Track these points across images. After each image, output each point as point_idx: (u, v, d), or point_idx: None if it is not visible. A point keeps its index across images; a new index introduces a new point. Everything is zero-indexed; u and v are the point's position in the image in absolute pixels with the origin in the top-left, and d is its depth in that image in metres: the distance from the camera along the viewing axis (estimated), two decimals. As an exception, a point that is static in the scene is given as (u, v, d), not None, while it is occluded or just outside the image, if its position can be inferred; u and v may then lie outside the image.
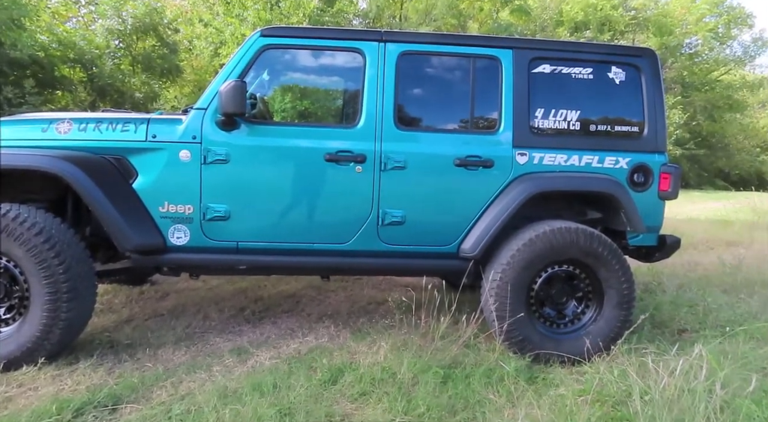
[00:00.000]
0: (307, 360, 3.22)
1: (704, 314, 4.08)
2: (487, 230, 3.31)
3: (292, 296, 4.51)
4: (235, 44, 14.31)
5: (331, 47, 3.33)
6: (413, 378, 2.90)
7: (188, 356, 3.32)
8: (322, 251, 3.34)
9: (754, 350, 3.41)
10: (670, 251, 3.66)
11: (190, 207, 3.21)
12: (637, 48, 3.62)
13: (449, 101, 3.50)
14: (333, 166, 3.25)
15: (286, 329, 3.80)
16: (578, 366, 3.23)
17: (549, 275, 3.34)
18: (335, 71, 3.48)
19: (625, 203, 3.36)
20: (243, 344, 3.51)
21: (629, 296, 3.33)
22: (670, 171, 3.50)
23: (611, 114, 3.50)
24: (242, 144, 3.21)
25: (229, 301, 4.33)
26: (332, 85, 3.56)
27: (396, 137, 3.30)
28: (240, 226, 3.26)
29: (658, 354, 3.22)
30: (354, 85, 3.37)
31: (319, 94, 3.58)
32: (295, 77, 3.54)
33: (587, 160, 3.42)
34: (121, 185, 3.16)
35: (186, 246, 3.24)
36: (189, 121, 3.21)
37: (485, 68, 3.40)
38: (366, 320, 3.98)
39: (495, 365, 3.11)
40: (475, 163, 3.33)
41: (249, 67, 3.25)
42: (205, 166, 3.20)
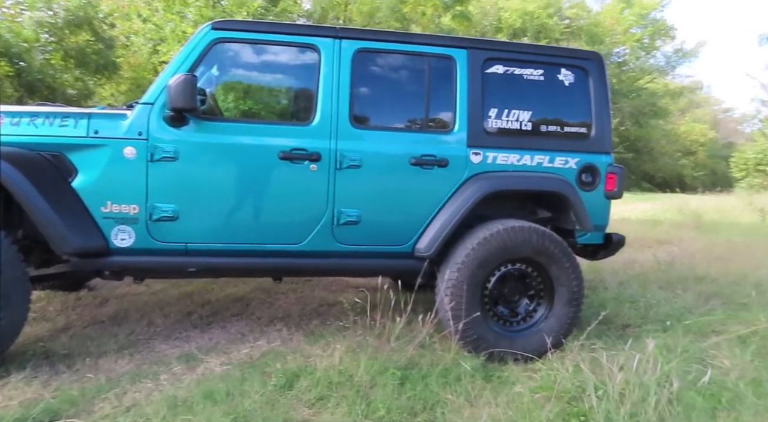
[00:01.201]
0: (260, 365, 3.11)
1: (645, 309, 4.26)
2: (441, 229, 3.31)
3: (241, 299, 4.37)
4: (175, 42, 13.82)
5: (285, 43, 3.25)
6: (371, 381, 2.85)
7: (132, 364, 3.14)
8: (276, 252, 3.25)
9: (693, 343, 3.58)
10: (615, 248, 3.78)
11: (135, 207, 3.04)
12: (585, 51, 3.74)
13: (404, 100, 3.49)
14: (287, 164, 3.17)
15: (236, 333, 3.67)
16: (531, 363, 3.28)
17: (502, 273, 3.38)
18: (289, 67, 3.39)
19: (575, 202, 3.46)
20: (191, 350, 3.35)
21: (579, 294, 3.42)
22: (615, 171, 3.63)
23: (561, 115, 3.59)
24: (192, 141, 3.08)
25: (175, 306, 4.14)
26: (285, 81, 3.47)
27: (351, 136, 3.25)
28: (189, 227, 3.12)
29: (606, 350, 3.32)
30: (308, 81, 3.29)
31: (271, 91, 3.48)
32: (246, 72, 3.43)
33: (539, 160, 3.49)
34: (58, 184, 2.96)
35: (131, 248, 3.07)
36: (134, 116, 3.05)
37: (440, 68, 3.41)
38: (319, 322, 3.90)
39: (451, 365, 3.11)
40: (430, 162, 3.33)
41: (199, 60, 3.12)
42: (152, 164, 3.04)
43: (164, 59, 15.45)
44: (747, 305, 4.59)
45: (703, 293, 4.88)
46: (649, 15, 36.01)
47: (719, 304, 4.62)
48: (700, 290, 4.96)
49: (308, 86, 3.30)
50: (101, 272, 3.28)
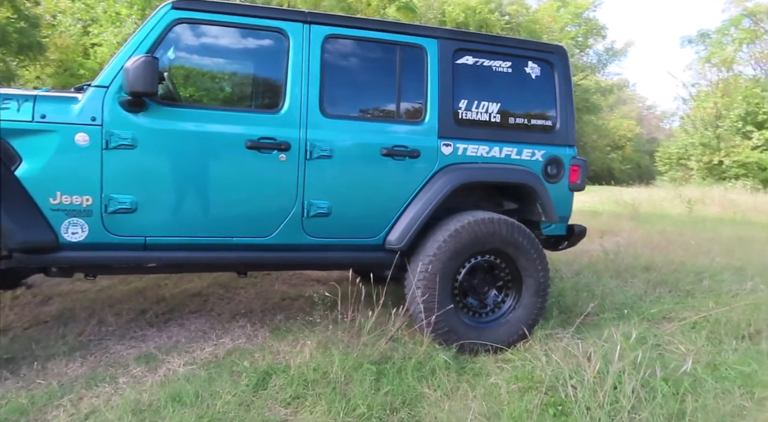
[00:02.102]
0: (226, 364, 2.98)
1: (602, 298, 4.39)
2: (413, 221, 3.27)
3: (198, 295, 4.17)
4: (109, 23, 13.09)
5: (251, 26, 3.08)
6: (346, 377, 2.78)
7: (86, 368, 2.92)
8: (242, 246, 3.10)
9: (648, 330, 3.72)
10: (577, 239, 3.87)
11: (89, 198, 2.82)
12: (551, 45, 3.77)
13: (375, 89, 3.41)
14: (254, 154, 3.02)
15: (197, 331, 3.50)
16: (501, 353, 3.31)
17: (472, 265, 3.38)
18: (255, 52, 3.21)
19: (542, 194, 3.50)
20: (149, 350, 3.16)
21: (545, 284, 3.47)
22: (579, 164, 3.70)
23: (528, 108, 3.62)
24: (152, 128, 2.87)
25: (126, 303, 3.90)
26: (251, 67, 3.29)
27: (322, 125, 3.14)
28: (148, 219, 2.92)
29: (571, 339, 3.40)
30: (276, 67, 3.14)
31: (236, 77, 3.30)
32: (209, 56, 3.23)
33: (507, 152, 3.50)
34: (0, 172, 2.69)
35: (83, 243, 2.84)
36: (86, 100, 2.81)
37: (411, 57, 3.34)
38: (283, 317, 3.78)
39: (424, 358, 3.08)
40: (401, 153, 3.27)
41: (158, 42, 2.91)
42: (107, 151, 2.82)
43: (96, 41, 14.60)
44: (691, 292, 4.84)
45: (651, 281, 5.09)
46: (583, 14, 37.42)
47: (666, 292, 4.84)
48: (647, 279, 5.18)
49: (276, 72, 3.15)
50: (47, 269, 3.03)
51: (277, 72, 3.14)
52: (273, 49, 3.15)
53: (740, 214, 12.14)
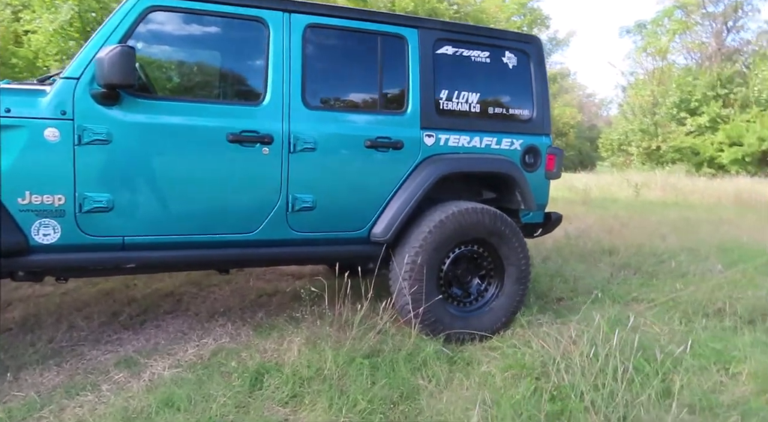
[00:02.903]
0: (214, 365, 2.89)
1: (574, 282, 4.52)
2: (398, 213, 3.25)
3: (171, 294, 4.02)
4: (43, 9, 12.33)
5: (229, 14, 2.95)
6: (340, 372, 2.75)
7: (63, 376, 2.77)
8: (226, 243, 3.00)
9: (621, 311, 3.85)
10: (553, 226, 3.96)
11: (61, 197, 2.65)
12: (527, 35, 3.82)
13: (357, 80, 3.35)
14: (237, 147, 2.92)
15: (176, 332, 3.37)
16: (486, 341, 3.35)
17: (456, 255, 3.40)
18: (234, 42, 3.09)
19: (522, 183, 3.55)
20: (129, 354, 3.03)
21: (527, 272, 3.54)
22: (555, 153, 3.77)
23: (506, 97, 3.66)
24: (128, 122, 2.73)
25: (96, 306, 3.71)
26: (230, 57, 3.16)
27: (305, 117, 3.06)
28: (126, 218, 2.78)
29: (551, 324, 3.49)
30: (256, 58, 3.03)
31: (215, 68, 3.16)
32: (186, 46, 3.08)
33: (487, 141, 3.53)
34: (-39, 172, 2.50)
35: (56, 245, 2.67)
36: (55, 93, 2.63)
37: (392, 47, 3.31)
38: (264, 314, 3.69)
39: (413, 349, 3.08)
40: (385, 144, 3.23)
41: (131, 30, 2.76)
42: (80, 147, 2.65)
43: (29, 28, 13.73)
44: (654, 273, 5.06)
45: (615, 264, 5.30)
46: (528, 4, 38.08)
47: (631, 274, 5.04)
48: (612, 262, 5.38)
49: (256, 63, 3.04)
50: (13, 274, 2.84)
51: (258, 63, 3.04)
52: (252, 39, 3.04)
53: (681, 197, 12.78)
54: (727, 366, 3.03)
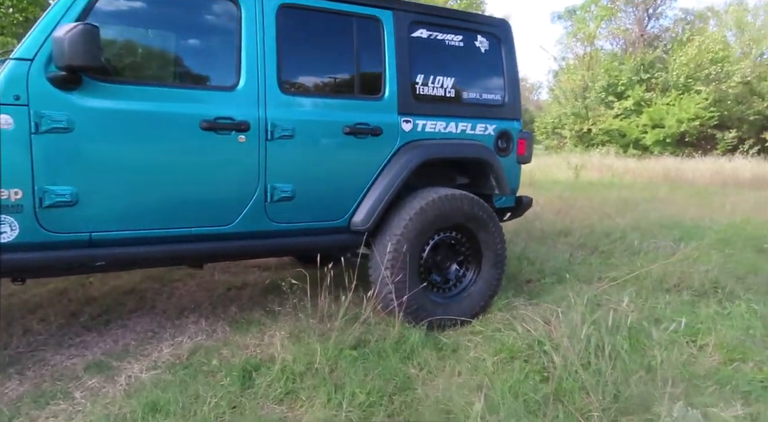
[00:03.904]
0: (194, 365, 2.74)
1: (539, 264, 4.62)
2: (378, 201, 3.19)
3: (132, 291, 3.79)
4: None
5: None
6: (331, 365, 2.68)
7: (28, 384, 2.54)
8: (202, 236, 2.84)
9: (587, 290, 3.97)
10: (523, 210, 4.01)
11: (18, 192, 2.41)
12: (497, 19, 3.81)
13: (333, 64, 3.23)
14: (211, 135, 2.75)
15: (144, 332, 3.18)
16: (467, 326, 3.37)
17: (435, 242, 3.38)
18: (203, 21, 2.87)
19: (497, 168, 3.57)
20: (98, 358, 2.83)
21: (503, 256, 3.57)
22: (525, 137, 3.81)
23: (479, 82, 3.64)
24: (92, 107, 2.50)
25: (50, 307, 3.44)
26: (200, 37, 2.93)
27: (281, 102, 2.93)
28: (93, 212, 2.56)
29: (527, 305, 3.55)
30: (228, 39, 2.84)
31: (184, 49, 2.94)
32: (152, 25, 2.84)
33: (462, 127, 3.51)
34: None
35: (14, 243, 2.43)
36: (6, 75, 2.36)
37: (367, 29, 3.21)
38: (236, 308, 3.55)
39: (398, 338, 3.05)
40: (363, 131, 3.15)
41: (89, 7, 2.52)
42: (38, 136, 2.41)
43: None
44: (609, 252, 5.26)
45: (572, 245, 5.46)
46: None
47: (589, 254, 5.21)
48: (568, 242, 5.55)
49: (228, 45, 2.86)
50: (-38, 277, 2.57)
51: (230, 44, 2.86)
52: (223, 19, 2.86)
53: (617, 178, 13.38)
54: (694, 339, 3.19)
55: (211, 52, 2.96)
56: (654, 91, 27.79)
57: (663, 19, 33.08)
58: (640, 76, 28.19)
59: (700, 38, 27.09)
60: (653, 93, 27.73)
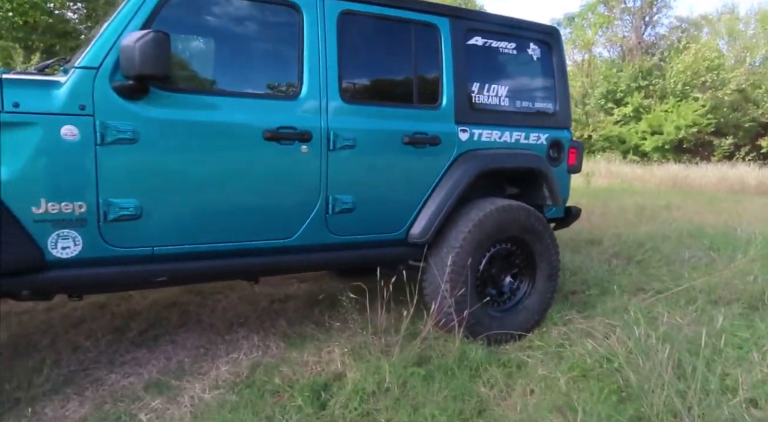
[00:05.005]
0: (257, 384, 2.64)
1: (581, 274, 4.55)
2: (437, 212, 3.11)
3: (174, 305, 3.67)
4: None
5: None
6: (402, 384, 2.58)
7: (88, 406, 2.43)
8: (262, 250, 2.74)
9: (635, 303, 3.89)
10: (572, 221, 3.94)
11: (82, 205, 2.31)
12: (548, 26, 3.75)
13: (392, 72, 3.16)
14: (273, 145, 2.66)
15: (196, 348, 3.07)
16: (523, 341, 3.28)
17: (491, 254, 3.30)
18: (265, 28, 2.77)
19: (550, 178, 3.49)
20: (155, 376, 2.72)
21: (557, 268, 3.50)
22: (576, 146, 3.74)
23: (531, 90, 3.58)
24: (156, 118, 2.41)
25: (93, 322, 3.32)
26: (262, 45, 2.84)
27: (343, 111, 2.84)
28: (156, 226, 2.46)
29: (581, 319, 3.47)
30: (290, 47, 2.76)
31: (246, 57, 2.84)
32: (213, 33, 2.75)
33: (516, 136, 3.44)
34: (-36, 178, 2.11)
35: (77, 259, 2.33)
36: (72, 84, 2.27)
37: (425, 37, 3.13)
38: (285, 322, 3.44)
39: (459, 354, 2.96)
40: (422, 140, 3.07)
41: (154, 15, 2.43)
42: (103, 147, 2.32)
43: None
44: (645, 262, 5.19)
45: (605, 254, 5.39)
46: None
47: (624, 263, 5.14)
48: (601, 252, 5.48)
49: (290, 53, 2.77)
50: (16, 293, 2.46)
51: (291, 52, 2.77)
52: (285, 26, 2.77)
53: (627, 184, 13.36)
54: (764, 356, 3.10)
55: (272, 60, 2.88)
56: (652, 98, 27.92)
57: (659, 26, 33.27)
58: (639, 83, 28.32)
59: (695, 46, 27.24)
60: (652, 100, 27.87)
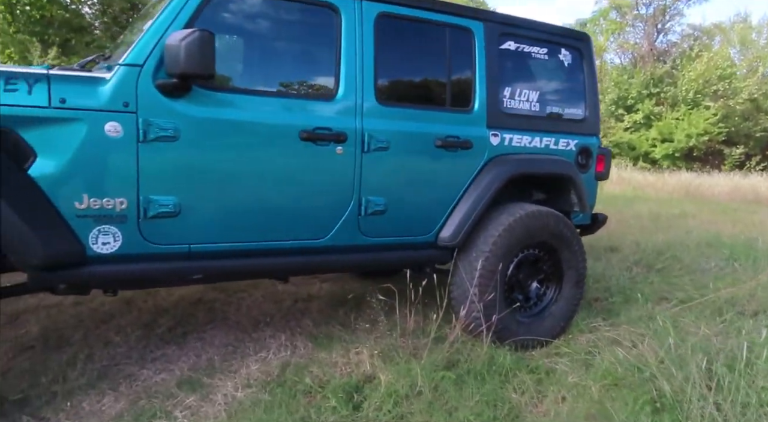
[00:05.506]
0: (288, 383, 2.64)
1: (603, 282, 4.53)
2: (467, 216, 3.10)
3: (200, 302, 3.68)
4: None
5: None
6: (434, 388, 2.58)
7: (124, 402, 2.44)
8: (295, 250, 2.75)
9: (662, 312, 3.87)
10: (598, 227, 3.93)
11: (123, 201, 2.32)
12: (580, 32, 3.74)
13: (426, 75, 3.17)
14: (309, 146, 2.67)
15: (224, 346, 3.08)
16: (549, 347, 3.27)
17: (519, 259, 3.29)
18: (303, 29, 2.79)
19: (579, 184, 3.49)
20: (186, 373, 2.73)
21: (584, 275, 3.49)
22: (604, 153, 3.74)
23: (562, 96, 3.58)
24: (197, 116, 2.42)
25: (121, 318, 3.34)
26: (299, 45, 2.86)
27: (377, 113, 2.85)
28: (193, 224, 2.48)
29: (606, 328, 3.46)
30: (327, 47, 2.77)
31: (283, 57, 2.86)
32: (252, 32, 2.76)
33: (546, 142, 3.44)
34: (9, 171, 2.13)
35: (116, 255, 2.34)
36: (117, 81, 2.29)
37: (459, 40, 3.13)
38: (311, 322, 3.45)
39: (487, 359, 2.95)
40: (454, 144, 3.07)
41: (197, 14, 2.45)
42: (144, 144, 2.33)
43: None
44: (665, 270, 5.17)
45: (625, 261, 5.37)
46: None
47: (645, 271, 5.12)
48: (620, 259, 5.46)
49: (327, 53, 2.78)
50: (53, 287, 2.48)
51: (329, 53, 2.78)
52: (323, 26, 2.78)
53: (639, 191, 13.31)
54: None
55: (310, 60, 2.89)
56: (663, 106, 27.81)
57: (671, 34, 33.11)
58: (650, 90, 28.22)
59: (708, 54, 27.10)
60: (662, 107, 27.75)
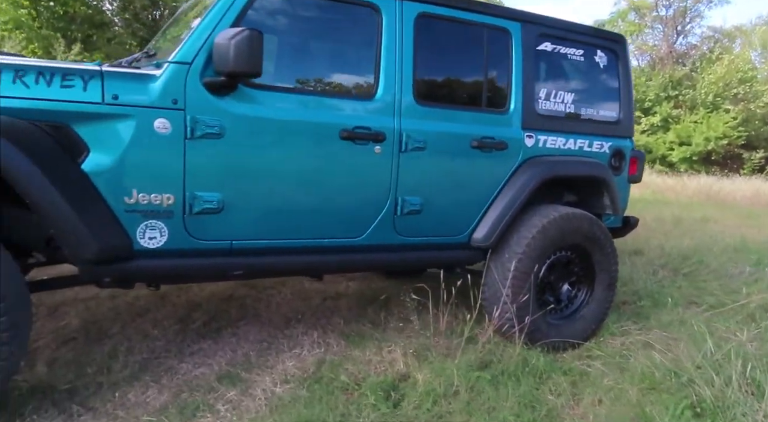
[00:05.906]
0: (324, 380, 2.67)
1: (630, 285, 4.52)
2: (501, 217, 3.11)
3: (231, 298, 3.73)
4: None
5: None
6: (470, 388, 2.60)
7: (167, 394, 2.49)
8: (332, 248, 2.78)
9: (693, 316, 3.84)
10: (629, 230, 3.92)
11: (170, 197, 2.36)
12: (615, 34, 3.74)
13: (463, 75, 3.18)
14: (349, 145, 2.69)
15: (258, 342, 3.11)
16: (580, 349, 3.27)
17: (551, 261, 3.29)
18: (344, 28, 2.81)
19: (612, 187, 3.48)
20: (224, 368, 2.77)
21: (615, 278, 3.49)
22: (637, 156, 3.73)
23: (597, 98, 3.57)
24: (242, 114, 2.45)
25: (157, 312, 3.39)
26: (340, 45, 2.88)
27: (415, 113, 2.86)
28: (236, 221, 2.51)
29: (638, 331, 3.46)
30: (367, 47, 2.79)
31: (325, 56, 2.90)
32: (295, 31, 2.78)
33: (580, 144, 3.43)
34: (64, 166, 2.17)
35: (162, 249, 2.38)
36: (166, 78, 2.33)
37: (497, 41, 3.14)
38: (340, 319, 3.48)
39: (520, 360, 2.96)
40: (489, 145, 3.08)
41: (243, 13, 2.48)
42: (191, 141, 2.37)
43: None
44: (692, 275, 5.13)
45: (650, 265, 5.34)
46: None
47: (672, 275, 5.09)
48: (646, 263, 5.43)
49: (368, 53, 2.81)
50: (99, 281, 2.53)
51: (369, 52, 2.81)
52: (364, 26, 2.80)
53: (659, 194, 13.20)
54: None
55: (350, 59, 2.92)
56: (681, 109, 27.53)
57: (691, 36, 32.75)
58: (668, 93, 27.96)
59: (728, 57, 26.77)
60: (681, 110, 27.47)
